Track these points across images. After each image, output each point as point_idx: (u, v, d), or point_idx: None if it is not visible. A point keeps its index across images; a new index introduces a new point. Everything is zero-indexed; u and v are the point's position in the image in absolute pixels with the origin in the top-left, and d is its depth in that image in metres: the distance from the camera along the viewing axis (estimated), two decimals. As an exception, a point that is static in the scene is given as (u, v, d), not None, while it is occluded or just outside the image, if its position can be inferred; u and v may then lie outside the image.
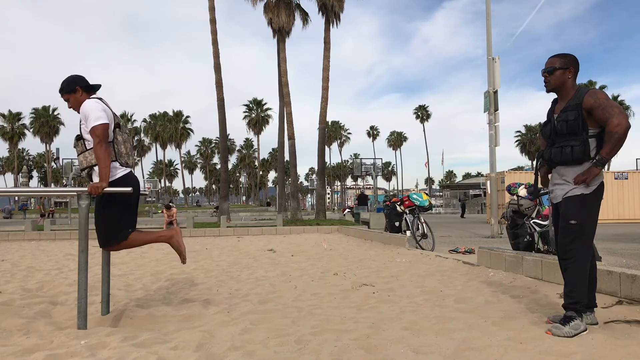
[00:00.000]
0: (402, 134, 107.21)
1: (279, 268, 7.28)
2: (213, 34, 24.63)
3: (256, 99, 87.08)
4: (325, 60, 26.40)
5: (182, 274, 6.83)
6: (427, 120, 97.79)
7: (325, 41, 26.56)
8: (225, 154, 27.00)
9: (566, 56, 3.52)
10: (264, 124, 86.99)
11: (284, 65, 26.56)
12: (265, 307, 4.44)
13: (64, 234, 15.37)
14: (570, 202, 3.41)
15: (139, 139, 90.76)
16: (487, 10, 16.05)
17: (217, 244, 12.17)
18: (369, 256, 8.71)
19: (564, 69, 3.48)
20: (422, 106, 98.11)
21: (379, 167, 33.23)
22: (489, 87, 15.34)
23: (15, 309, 4.44)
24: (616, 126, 3.22)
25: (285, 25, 26.42)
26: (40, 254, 10.24)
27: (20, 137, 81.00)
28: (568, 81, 3.49)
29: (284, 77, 26.54)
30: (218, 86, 24.65)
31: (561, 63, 3.49)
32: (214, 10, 24.80)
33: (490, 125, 15.25)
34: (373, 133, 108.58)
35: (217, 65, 24.64)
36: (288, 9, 26.57)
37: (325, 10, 26.68)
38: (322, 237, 14.09)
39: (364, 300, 4.66)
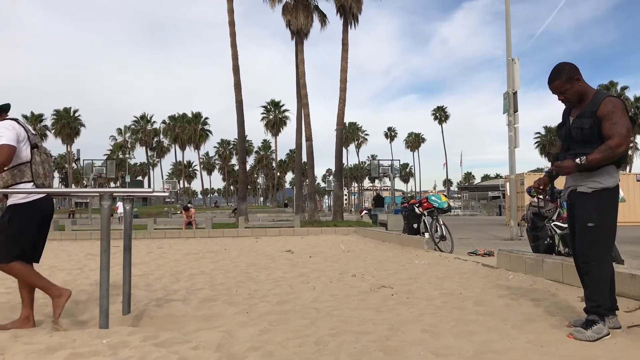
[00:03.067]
0: (420, 135, 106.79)
1: (297, 269, 7.30)
2: (232, 36, 24.78)
3: (274, 101, 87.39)
4: (343, 61, 26.39)
5: (202, 274, 6.88)
6: (445, 122, 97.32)
7: (343, 42, 26.56)
8: (243, 155, 27.15)
9: (562, 71, 3.43)
10: (281, 126, 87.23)
11: (302, 67, 26.62)
12: (283, 308, 4.46)
13: (85, 234, 15.56)
14: (585, 204, 3.36)
15: (159, 140, 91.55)
16: (506, 11, 15.92)
17: (235, 245, 12.23)
18: (387, 258, 8.69)
19: (571, 83, 3.40)
20: (440, 107, 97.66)
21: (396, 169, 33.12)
22: (508, 88, 15.22)
23: (38, 307, 4.49)
24: (614, 147, 3.20)
25: (303, 26, 26.48)
26: (61, 253, 10.38)
27: (42, 139, 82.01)
28: (581, 88, 3.42)
29: (301, 78, 26.59)
30: (236, 88, 24.79)
31: (565, 80, 3.40)
32: (232, 13, 24.95)
33: (510, 127, 15.12)
34: (391, 134, 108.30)
35: (236, 67, 24.77)
36: (306, 10, 26.62)
37: (344, 11, 26.68)
38: (340, 239, 14.09)
39: (383, 302, 4.66)
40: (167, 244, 13.01)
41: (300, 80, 26.72)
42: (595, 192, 3.33)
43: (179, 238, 15.39)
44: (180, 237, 15.72)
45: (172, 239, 14.92)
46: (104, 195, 3.67)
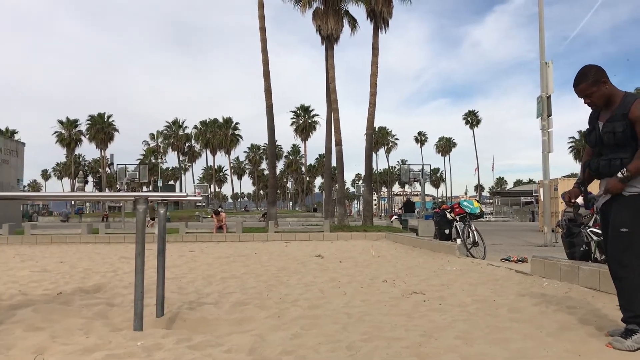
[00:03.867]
0: (450, 139, 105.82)
1: (328, 274, 7.29)
2: (262, 42, 24.97)
3: (303, 106, 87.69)
4: (373, 66, 26.36)
5: (233, 278, 6.93)
6: (476, 126, 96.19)
7: (373, 47, 26.54)
8: (273, 160, 27.29)
9: (588, 73, 3.33)
10: (311, 130, 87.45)
11: (332, 72, 26.67)
12: (315, 313, 4.45)
13: (118, 238, 15.82)
14: (619, 209, 3.25)
15: (190, 145, 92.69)
16: (539, 13, 15.70)
17: (265, 249, 12.29)
18: (418, 264, 8.62)
19: (597, 85, 3.30)
20: (471, 111, 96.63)
21: (427, 174, 32.88)
22: (541, 92, 14.99)
23: (75, 309, 4.59)
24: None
25: (333, 31, 26.54)
26: (96, 256, 10.58)
27: (77, 143, 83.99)
28: (608, 91, 3.31)
29: (331, 83, 26.64)
30: (267, 93, 24.96)
31: (590, 83, 3.30)
32: (263, 19, 25.15)
33: (544, 131, 14.88)
34: (421, 139, 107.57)
35: (267, 72, 24.95)
36: (337, 15, 26.68)
37: (374, 16, 26.67)
38: (370, 244, 14.04)
39: (415, 308, 4.62)
40: (199, 247, 13.15)
41: (330, 85, 26.77)
42: (632, 197, 3.21)
43: (210, 242, 15.53)
44: (211, 240, 15.87)
45: (203, 243, 15.08)
46: (139, 200, 3.73)
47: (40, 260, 9.76)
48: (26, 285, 6.22)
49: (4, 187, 31.59)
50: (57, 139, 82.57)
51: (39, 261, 9.51)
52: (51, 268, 8.26)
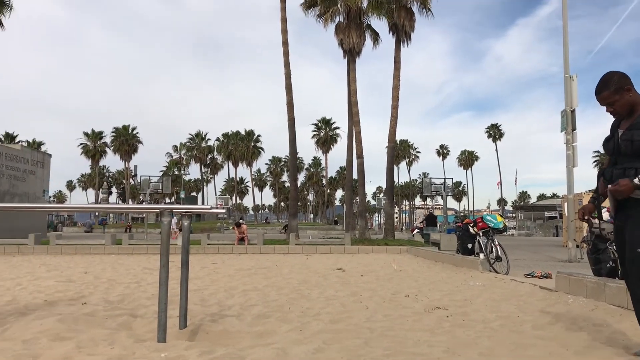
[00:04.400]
0: (473, 153, 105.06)
1: (349, 288, 7.27)
2: (285, 55, 25.18)
3: (325, 118, 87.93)
4: (395, 79, 26.37)
5: (255, 290, 6.95)
6: (499, 139, 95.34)
7: (395, 60, 26.56)
8: (294, 173, 27.38)
9: (610, 81, 3.21)
10: (332, 143, 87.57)
11: (354, 85, 26.73)
12: (337, 327, 4.44)
13: (141, 249, 15.97)
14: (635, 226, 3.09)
15: (212, 157, 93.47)
16: (564, 27, 15.58)
17: (286, 262, 12.30)
18: (440, 279, 8.55)
19: (620, 93, 3.18)
20: (494, 125, 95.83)
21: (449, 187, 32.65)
22: (565, 106, 14.84)
23: (99, 319, 4.65)
24: None
25: (355, 45, 26.63)
26: (119, 267, 10.69)
27: (101, 155, 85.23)
28: (632, 99, 3.17)
29: (353, 96, 26.68)
30: (289, 106, 25.11)
31: (613, 91, 3.19)
32: (286, 33, 25.38)
33: (568, 145, 14.71)
34: (443, 152, 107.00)
35: (289, 86, 25.12)
36: (359, 29, 26.78)
37: (396, 30, 26.72)
38: (392, 258, 13.97)
39: (438, 324, 4.57)
40: (220, 259, 13.21)
41: (352, 98, 26.82)
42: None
43: (232, 254, 15.60)
44: (232, 252, 15.93)
45: (224, 255, 15.14)
46: (164, 212, 3.77)
47: (65, 270, 9.89)
48: (52, 295, 6.31)
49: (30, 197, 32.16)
50: (83, 150, 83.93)
51: (64, 271, 9.64)
52: (76, 278, 8.37)
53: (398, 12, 26.52)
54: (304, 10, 27.94)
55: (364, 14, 26.92)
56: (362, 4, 26.42)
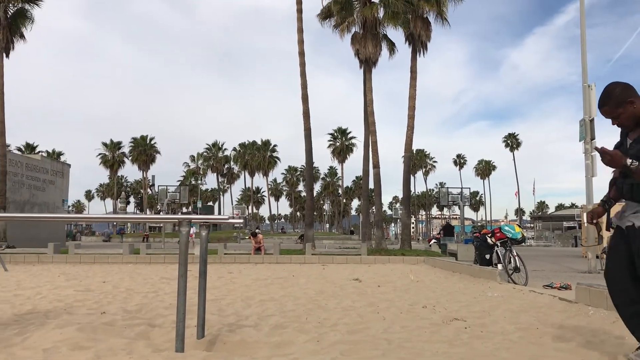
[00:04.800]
0: (490, 162, 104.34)
1: (366, 298, 7.24)
2: (301, 66, 25.30)
3: (340, 128, 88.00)
4: (412, 89, 26.35)
5: (272, 300, 6.95)
6: (517, 149, 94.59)
7: (411, 70, 26.56)
8: (310, 182, 27.42)
9: (611, 94, 3.14)
10: (348, 153, 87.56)
11: (370, 95, 26.76)
12: (354, 338, 4.42)
13: (158, 258, 16.07)
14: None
15: (229, 167, 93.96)
16: (582, 35, 15.48)
17: (303, 272, 12.29)
18: (458, 289, 8.48)
19: (623, 106, 3.11)
20: (511, 134, 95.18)
21: (466, 197, 32.44)
22: (584, 115, 14.70)
23: (117, 329, 4.68)
24: None
25: (371, 55, 26.68)
26: (137, 276, 10.76)
27: (120, 165, 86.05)
28: (637, 111, 3.10)
29: (369, 106, 26.71)
30: (305, 116, 25.19)
31: (616, 104, 3.12)
32: (302, 44, 25.51)
33: (587, 155, 14.56)
34: (460, 161, 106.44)
35: (305, 96, 25.21)
36: (375, 39, 26.84)
37: (412, 39, 26.75)
38: (409, 268, 13.90)
39: (456, 335, 4.54)
40: (237, 269, 13.24)
41: (368, 108, 26.84)
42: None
43: (248, 263, 15.63)
44: (249, 262, 15.97)
45: (241, 264, 15.18)
46: (183, 222, 3.80)
47: (84, 279, 9.98)
48: (71, 305, 6.37)
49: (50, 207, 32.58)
50: (101, 160, 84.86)
51: (83, 280, 9.74)
52: (94, 287, 8.44)
53: (414, 22, 26.57)
54: (320, 21, 28.13)
55: (380, 24, 26.99)
56: (378, 15, 26.50)
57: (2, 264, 12.47)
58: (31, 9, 27.52)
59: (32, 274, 11.31)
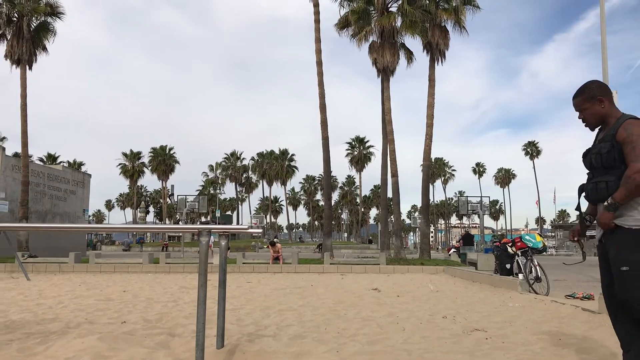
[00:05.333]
0: (510, 170, 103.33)
1: (385, 308, 7.20)
2: (319, 75, 25.38)
3: (358, 137, 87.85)
4: (430, 97, 26.28)
5: (290, 310, 6.94)
6: (537, 157, 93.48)
7: (430, 78, 26.51)
8: (329, 192, 27.40)
9: (586, 88, 3.20)
10: (366, 161, 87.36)
11: (388, 104, 26.72)
12: (373, 349, 4.39)
13: (178, 267, 16.15)
14: (619, 243, 2.98)
15: (247, 176, 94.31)
16: (602, 42, 15.29)
17: (321, 281, 12.26)
18: (478, 299, 8.39)
19: (591, 102, 3.15)
20: (531, 142, 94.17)
21: (485, 206, 32.16)
22: (606, 122, 14.52)
23: (138, 338, 4.71)
24: (631, 176, 2.84)
25: (389, 64, 26.66)
26: (157, 286, 10.82)
27: (139, 175, 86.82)
28: (603, 111, 3.13)
29: (387, 115, 26.67)
30: (323, 126, 25.23)
31: (585, 98, 3.18)
32: (320, 53, 25.62)
33: (609, 163, 14.36)
34: (479, 170, 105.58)
35: (323, 105, 25.27)
36: (393, 48, 26.83)
37: (430, 48, 26.71)
38: (428, 278, 13.79)
39: (477, 346, 4.49)
40: (255, 278, 13.26)
41: (386, 116, 26.80)
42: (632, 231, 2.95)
43: (267, 273, 15.64)
44: (267, 271, 15.98)
45: (259, 274, 15.19)
46: (202, 232, 3.82)
47: (105, 288, 10.07)
48: (92, 314, 6.43)
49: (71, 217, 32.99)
50: (121, 170, 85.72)
51: (103, 290, 9.82)
52: (115, 297, 8.51)
53: (432, 30, 26.54)
54: (337, 31, 28.19)
55: (398, 33, 27.00)
56: (395, 23, 26.51)
57: (24, 273, 12.64)
58: (53, 21, 28.03)
59: (54, 283, 11.44)
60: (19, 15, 26.81)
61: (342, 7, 27.99)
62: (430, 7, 26.46)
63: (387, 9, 27.14)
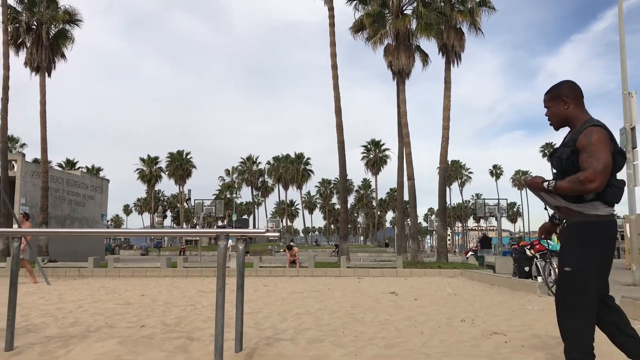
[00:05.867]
0: (527, 172, 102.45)
1: (403, 312, 7.17)
2: (334, 79, 25.39)
3: (374, 140, 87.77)
4: (446, 99, 26.17)
5: (308, 314, 6.94)
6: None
7: (445, 81, 26.39)
8: (344, 195, 27.38)
9: (555, 87, 3.20)
10: (381, 165, 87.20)
11: (404, 107, 26.65)
12: (391, 352, 4.38)
13: (195, 271, 16.23)
14: (566, 243, 3.06)
15: (263, 180, 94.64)
16: (621, 42, 15.13)
17: (338, 285, 12.24)
18: (497, 302, 8.32)
19: (555, 101, 3.16)
20: (549, 144, 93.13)
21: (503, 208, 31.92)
22: (625, 123, 14.32)
23: (157, 342, 4.74)
24: (583, 181, 2.85)
25: (405, 67, 26.59)
26: (175, 290, 10.89)
27: (157, 180, 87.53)
28: (567, 112, 3.13)
29: (403, 118, 26.59)
30: (338, 129, 25.23)
31: (550, 97, 3.19)
32: (335, 57, 25.63)
33: (628, 164, 14.15)
34: (496, 172, 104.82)
35: (338, 108, 25.27)
36: (408, 51, 26.77)
37: (446, 50, 26.60)
38: (446, 281, 13.71)
39: (496, 350, 4.45)
40: (272, 282, 13.28)
41: (402, 119, 26.72)
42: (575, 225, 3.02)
43: (283, 276, 15.66)
44: (284, 275, 16.00)
45: (276, 277, 15.22)
46: (220, 236, 3.84)
47: (123, 293, 10.15)
48: (111, 318, 6.48)
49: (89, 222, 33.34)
50: (139, 175, 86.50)
51: (122, 294, 9.90)
52: (134, 301, 8.57)
53: (447, 32, 26.43)
54: (352, 34, 28.18)
55: (413, 35, 26.92)
56: (410, 26, 26.45)
57: (44, 277, 12.79)
58: (71, 29, 28.43)
59: (73, 287, 11.57)
60: (38, 23, 27.23)
61: (356, 10, 28.01)
62: (446, 9, 26.37)
63: (402, 11, 27.10)
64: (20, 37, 27.12)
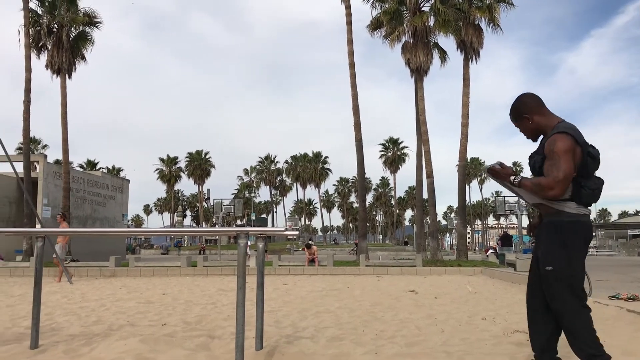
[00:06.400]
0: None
1: (423, 310, 7.14)
2: (352, 77, 25.38)
3: (392, 138, 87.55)
4: (465, 96, 26.01)
5: (327, 312, 6.95)
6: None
7: (464, 77, 26.25)
8: (363, 193, 27.39)
9: (513, 108, 3.30)
10: (400, 163, 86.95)
11: (422, 104, 26.54)
12: (412, 351, 4.36)
13: (215, 270, 16.34)
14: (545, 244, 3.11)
15: (281, 179, 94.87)
16: (643, 36, 14.88)
17: (357, 283, 12.23)
18: (518, 301, 8.24)
19: (519, 121, 3.28)
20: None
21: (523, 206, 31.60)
22: (649, 118, 14.10)
23: (178, 340, 4.78)
24: (543, 186, 2.95)
25: (423, 64, 26.49)
26: (195, 288, 10.97)
27: (176, 179, 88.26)
28: (533, 126, 3.23)
29: (421, 115, 26.48)
30: (356, 127, 25.21)
31: (513, 118, 3.32)
32: (352, 55, 25.62)
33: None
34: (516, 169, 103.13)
35: (356, 107, 25.25)
36: (426, 48, 26.65)
37: (464, 47, 26.45)
38: (466, 279, 13.63)
39: (518, 348, 4.41)
40: (292, 280, 13.31)
41: (420, 117, 26.61)
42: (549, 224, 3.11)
43: (302, 275, 15.68)
44: (303, 274, 16.02)
45: (295, 276, 15.24)
46: (240, 235, 3.85)
47: (145, 291, 10.25)
48: (133, 316, 6.55)
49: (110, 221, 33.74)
50: (159, 175, 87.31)
51: (143, 292, 10.00)
52: (155, 300, 8.66)
53: (466, 29, 26.28)
54: (369, 32, 28.15)
55: (431, 32, 26.81)
56: (428, 23, 26.35)
57: (67, 277, 12.97)
58: (91, 31, 28.84)
59: (95, 286, 11.71)
60: (58, 25, 27.62)
61: (374, 8, 27.97)
62: (464, 5, 26.22)
63: (420, 8, 27.00)
64: (41, 40, 27.55)
